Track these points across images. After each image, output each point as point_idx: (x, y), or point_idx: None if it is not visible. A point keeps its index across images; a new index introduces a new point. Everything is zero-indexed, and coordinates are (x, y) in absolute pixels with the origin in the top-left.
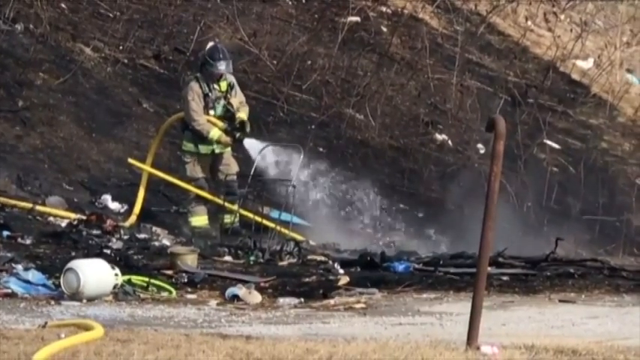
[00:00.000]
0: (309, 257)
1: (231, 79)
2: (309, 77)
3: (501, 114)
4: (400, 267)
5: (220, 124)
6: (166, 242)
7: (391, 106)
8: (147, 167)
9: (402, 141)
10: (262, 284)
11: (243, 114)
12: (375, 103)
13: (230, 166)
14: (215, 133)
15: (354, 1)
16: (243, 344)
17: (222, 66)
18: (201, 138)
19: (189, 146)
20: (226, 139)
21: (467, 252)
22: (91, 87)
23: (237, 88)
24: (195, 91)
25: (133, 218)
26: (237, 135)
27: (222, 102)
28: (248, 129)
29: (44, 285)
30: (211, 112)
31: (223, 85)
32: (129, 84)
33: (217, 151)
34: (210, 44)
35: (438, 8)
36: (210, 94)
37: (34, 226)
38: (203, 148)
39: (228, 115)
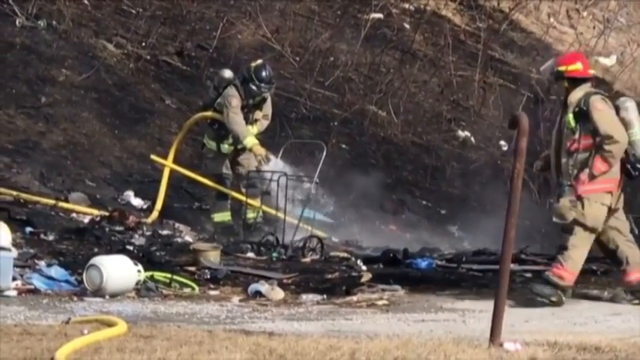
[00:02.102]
0: (332, 254)
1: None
2: (332, 74)
3: (524, 111)
4: (423, 264)
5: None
6: (189, 238)
7: (414, 103)
8: (169, 163)
9: (425, 138)
10: (285, 281)
11: (253, 129)
12: (397, 100)
13: (250, 160)
14: (250, 141)
15: None
16: (266, 340)
17: (264, 90)
18: (224, 137)
19: (211, 144)
20: (261, 150)
21: (489, 249)
22: (114, 83)
23: (268, 101)
24: (238, 98)
25: (154, 214)
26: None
27: (250, 113)
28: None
29: (67, 281)
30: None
31: (258, 98)
32: (151, 80)
33: (239, 147)
34: (259, 62)
35: (461, 5)
36: (245, 106)
37: (56, 222)
38: (225, 148)
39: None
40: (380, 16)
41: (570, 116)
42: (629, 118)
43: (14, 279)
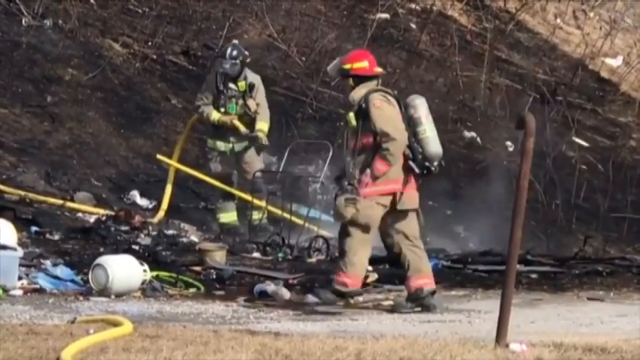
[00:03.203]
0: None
1: (253, 79)
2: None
3: (530, 111)
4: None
5: (242, 127)
6: (194, 238)
7: None
8: (174, 163)
9: None
10: (291, 281)
11: (262, 124)
12: (403, 101)
13: (254, 164)
14: (215, 115)
15: None
16: (272, 341)
17: (225, 64)
18: (218, 135)
19: (210, 142)
20: (225, 119)
21: (495, 249)
22: (120, 83)
23: (259, 89)
24: (207, 83)
25: (161, 214)
26: (255, 145)
27: (240, 102)
28: (264, 142)
29: (72, 281)
30: (222, 109)
31: (242, 84)
32: (157, 80)
33: (237, 149)
34: (232, 42)
35: (467, 5)
36: (225, 91)
37: (62, 221)
38: (222, 145)
39: (246, 119)
40: (386, 16)
41: (351, 115)
42: (417, 115)
43: (20, 278)
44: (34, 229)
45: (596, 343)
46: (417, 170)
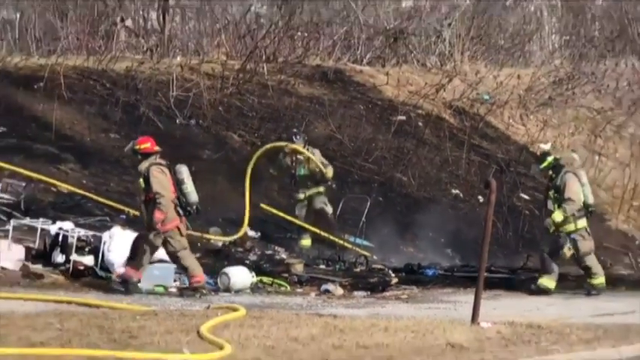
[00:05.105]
0: (373, 266)
1: (309, 154)
2: (373, 154)
3: (493, 177)
4: (430, 272)
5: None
6: (283, 256)
7: (424, 173)
8: (272, 209)
9: (431, 194)
10: (344, 283)
11: (329, 169)
12: (414, 170)
13: (322, 209)
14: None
15: (401, 106)
16: (332, 320)
17: (294, 138)
18: (297, 188)
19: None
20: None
21: (471, 263)
22: (237, 160)
23: (312, 157)
24: None
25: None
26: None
27: (306, 166)
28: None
29: (208, 282)
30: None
31: (305, 155)
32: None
33: (309, 197)
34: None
35: (454, 111)
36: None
37: (201, 246)
38: (299, 195)
39: (311, 177)
40: (403, 117)
41: (140, 180)
42: (181, 177)
43: (174, 281)
44: None
45: (534, 322)
46: (181, 213)
